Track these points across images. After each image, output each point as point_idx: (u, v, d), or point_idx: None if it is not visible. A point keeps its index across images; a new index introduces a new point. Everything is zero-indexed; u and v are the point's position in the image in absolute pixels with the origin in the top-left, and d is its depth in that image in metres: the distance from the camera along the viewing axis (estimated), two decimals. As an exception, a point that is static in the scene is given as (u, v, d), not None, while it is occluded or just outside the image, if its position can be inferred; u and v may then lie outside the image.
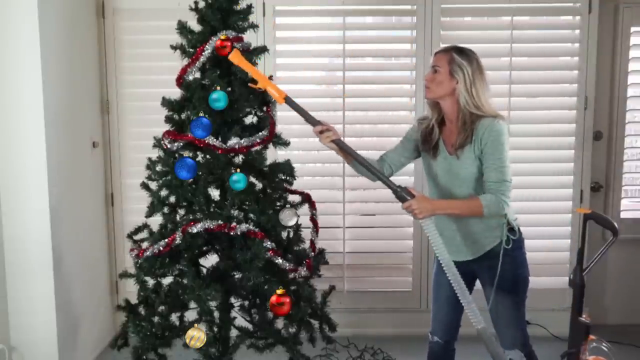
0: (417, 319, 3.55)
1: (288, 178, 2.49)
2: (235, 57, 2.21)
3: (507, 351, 2.29)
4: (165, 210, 2.40)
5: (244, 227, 2.26)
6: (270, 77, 2.47)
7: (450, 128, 2.25)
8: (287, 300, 2.26)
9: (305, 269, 2.37)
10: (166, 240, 2.25)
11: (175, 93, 2.39)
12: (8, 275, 2.74)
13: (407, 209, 2.13)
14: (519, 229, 2.27)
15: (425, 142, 2.31)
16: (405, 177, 3.51)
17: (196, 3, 2.40)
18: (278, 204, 2.46)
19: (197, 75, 2.33)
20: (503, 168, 2.11)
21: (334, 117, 3.48)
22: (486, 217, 2.14)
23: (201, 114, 2.26)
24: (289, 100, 2.21)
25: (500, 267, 2.20)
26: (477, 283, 2.40)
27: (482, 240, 2.25)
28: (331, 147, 2.25)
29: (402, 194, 2.13)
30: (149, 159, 2.41)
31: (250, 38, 2.45)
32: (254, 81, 2.25)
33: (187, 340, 2.21)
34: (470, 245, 2.27)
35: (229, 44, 2.26)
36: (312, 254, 2.49)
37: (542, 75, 3.45)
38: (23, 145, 2.68)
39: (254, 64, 2.42)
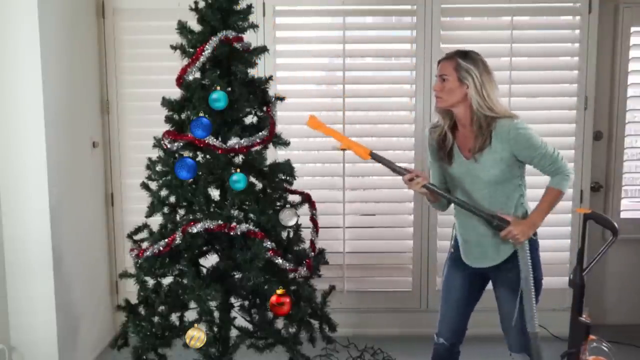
0: (417, 319, 3.55)
1: (288, 178, 2.49)
2: (313, 123, 2.24)
3: (514, 354, 2.29)
4: (165, 210, 2.40)
5: (244, 227, 2.26)
6: (270, 78, 2.48)
7: (465, 133, 2.24)
8: (287, 300, 2.26)
9: (305, 269, 2.37)
10: (166, 240, 2.25)
11: (175, 93, 2.38)
12: (8, 275, 2.74)
13: (507, 236, 2.15)
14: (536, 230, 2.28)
15: (440, 149, 2.30)
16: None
17: (196, 3, 2.40)
18: (278, 204, 2.46)
19: (197, 75, 2.33)
20: (547, 152, 2.16)
21: (334, 117, 3.48)
22: None
23: (201, 114, 2.26)
24: (374, 155, 2.25)
25: (516, 268, 2.21)
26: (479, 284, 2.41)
27: (503, 245, 2.24)
28: (422, 192, 2.24)
29: (498, 223, 2.15)
30: (149, 159, 2.41)
31: (250, 38, 2.45)
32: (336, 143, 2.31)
33: (187, 340, 2.22)
34: (497, 249, 2.25)
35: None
36: (312, 254, 2.49)
37: (542, 75, 3.45)
38: (23, 145, 2.68)
39: (254, 64, 2.42)
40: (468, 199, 2.25)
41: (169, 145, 2.29)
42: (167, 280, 2.36)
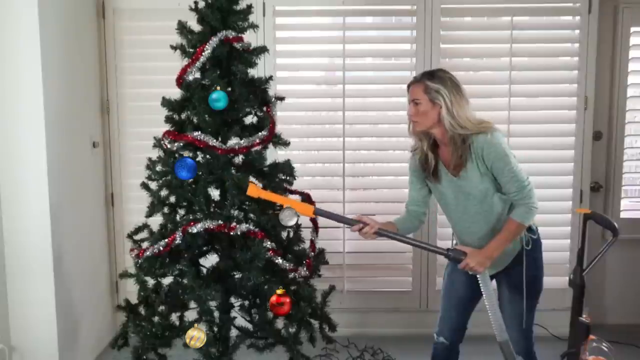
0: (417, 319, 3.56)
1: (288, 178, 2.49)
2: (253, 192, 2.23)
3: None
4: (165, 210, 2.40)
5: (244, 227, 2.27)
6: (270, 78, 2.48)
7: (446, 151, 2.23)
8: (287, 300, 2.26)
9: (305, 269, 2.37)
10: (166, 240, 2.25)
11: (175, 93, 2.38)
12: (8, 275, 2.74)
13: (465, 268, 2.17)
14: (536, 228, 2.28)
15: (424, 169, 2.31)
16: (404, 177, 3.51)
17: (196, 3, 2.40)
18: (278, 204, 2.46)
19: (197, 75, 2.33)
20: (517, 175, 2.12)
21: (334, 117, 3.48)
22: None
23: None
24: (318, 211, 2.26)
25: (519, 268, 2.22)
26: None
27: (508, 249, 2.23)
28: (374, 238, 2.27)
29: (454, 256, 2.17)
30: (149, 159, 2.41)
31: (250, 38, 2.45)
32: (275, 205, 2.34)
33: (187, 340, 2.21)
34: (498, 258, 2.24)
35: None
36: (312, 254, 2.49)
37: (542, 75, 3.45)
38: (23, 145, 2.68)
39: (254, 64, 2.42)
40: (463, 215, 2.27)
41: (169, 145, 2.29)
42: (167, 280, 2.36)
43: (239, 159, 2.40)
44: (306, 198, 2.56)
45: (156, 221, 2.43)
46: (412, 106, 2.21)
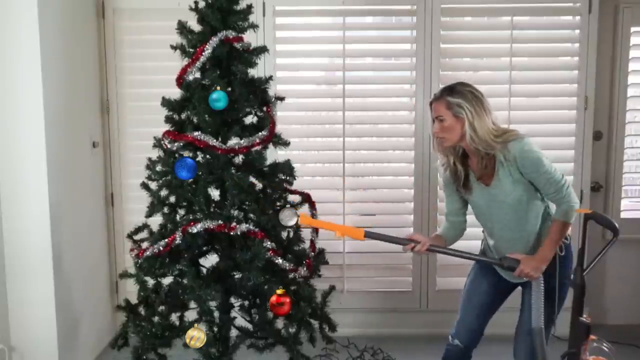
0: (417, 319, 3.56)
1: (288, 178, 2.49)
2: (304, 220, 2.30)
3: None
4: (165, 210, 2.40)
5: (244, 227, 2.26)
6: (270, 78, 2.48)
7: (475, 161, 2.23)
8: (287, 300, 2.26)
9: (305, 269, 2.37)
10: (166, 240, 2.25)
11: (175, 93, 2.39)
12: (8, 275, 2.74)
13: (520, 275, 2.16)
14: (569, 236, 2.26)
15: (455, 181, 2.31)
16: (404, 177, 3.52)
17: (196, 3, 2.40)
18: (278, 204, 2.46)
19: (197, 75, 2.33)
20: (553, 177, 2.12)
21: (334, 117, 3.48)
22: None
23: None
24: (369, 234, 2.26)
25: (549, 274, 2.20)
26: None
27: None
28: (428, 254, 2.33)
29: (509, 265, 2.17)
30: (149, 159, 2.41)
31: (250, 38, 2.45)
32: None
33: (187, 340, 2.22)
34: None
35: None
36: (312, 254, 2.49)
37: (542, 75, 3.45)
38: (23, 145, 2.68)
39: (254, 64, 2.42)
40: (497, 223, 2.26)
41: (169, 145, 2.29)
42: (167, 280, 2.36)
43: (239, 159, 2.40)
44: (306, 198, 2.56)
45: (156, 221, 2.43)
46: (436, 123, 2.20)
